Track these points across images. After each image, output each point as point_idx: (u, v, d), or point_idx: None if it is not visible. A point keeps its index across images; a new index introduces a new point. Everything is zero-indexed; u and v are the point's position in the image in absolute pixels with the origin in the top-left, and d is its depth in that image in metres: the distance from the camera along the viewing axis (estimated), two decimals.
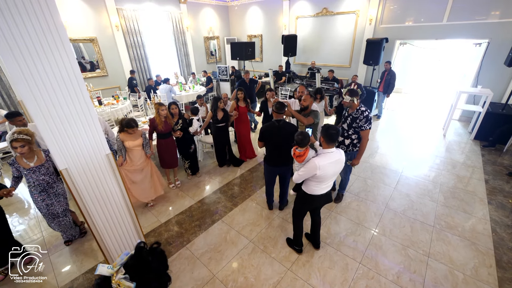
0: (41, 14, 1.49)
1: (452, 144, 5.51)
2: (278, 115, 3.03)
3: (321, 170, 2.27)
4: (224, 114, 4.31)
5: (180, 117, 3.92)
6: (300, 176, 2.40)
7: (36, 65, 1.55)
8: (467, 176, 4.26)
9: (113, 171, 2.13)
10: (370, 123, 2.99)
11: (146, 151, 3.50)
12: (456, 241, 2.97)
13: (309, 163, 2.33)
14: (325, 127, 2.29)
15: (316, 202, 2.59)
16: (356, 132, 3.14)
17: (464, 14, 5.94)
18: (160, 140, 3.86)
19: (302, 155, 2.46)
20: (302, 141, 2.44)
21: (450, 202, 3.64)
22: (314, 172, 2.28)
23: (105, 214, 2.19)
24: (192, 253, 2.95)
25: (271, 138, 3.02)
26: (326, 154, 2.31)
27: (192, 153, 4.27)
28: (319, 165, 2.26)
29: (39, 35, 1.52)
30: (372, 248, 2.92)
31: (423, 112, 7.67)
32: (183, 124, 3.92)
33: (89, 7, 7.09)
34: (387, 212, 3.47)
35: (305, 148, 2.47)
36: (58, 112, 1.72)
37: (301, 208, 2.71)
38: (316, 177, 2.33)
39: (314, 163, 2.27)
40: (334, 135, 2.25)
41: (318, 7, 8.28)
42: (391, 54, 7.35)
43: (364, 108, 3.03)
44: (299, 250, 2.88)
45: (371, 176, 4.34)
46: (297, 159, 2.51)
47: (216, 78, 9.41)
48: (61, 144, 1.78)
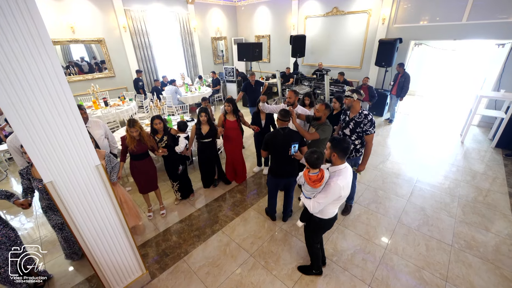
0: (18, 14, 1.36)
1: (470, 151, 5.16)
2: (282, 123, 2.82)
3: (345, 190, 1.99)
4: (211, 128, 3.64)
5: (166, 133, 3.37)
6: (321, 204, 2.05)
7: (14, 69, 1.42)
8: (489, 189, 3.94)
9: (103, 183, 1.99)
10: (374, 126, 2.87)
11: (111, 178, 2.83)
12: (477, 263, 2.70)
13: (330, 188, 1.98)
14: (337, 140, 2.03)
15: (332, 224, 2.31)
16: (359, 137, 2.97)
17: (485, 13, 5.56)
18: (133, 162, 3.23)
19: (320, 179, 1.99)
20: (316, 161, 1.98)
21: (470, 217, 3.35)
22: (339, 195, 1.98)
23: (96, 229, 2.05)
24: (189, 266, 2.79)
25: (276, 148, 2.83)
26: (342, 170, 2.03)
27: (181, 174, 3.67)
28: (342, 185, 1.94)
29: (17, 36, 1.38)
30: (382, 268, 2.68)
31: (439, 117, 7.29)
32: (168, 142, 3.36)
33: (97, 8, 7.08)
34: (400, 228, 3.22)
35: (319, 170, 2.03)
36: (41, 120, 1.58)
37: (318, 235, 2.43)
38: (338, 199, 2.05)
39: (338, 186, 1.94)
40: (348, 149, 2.02)
41: (329, 6, 8.02)
42: (405, 55, 7.02)
43: (367, 112, 2.90)
44: (321, 272, 2.64)
45: (382, 186, 4.08)
46: (313, 184, 2.00)
47: (223, 79, 9.29)
48: (44, 155, 1.65)
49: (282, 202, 3.39)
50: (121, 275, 2.36)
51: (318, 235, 2.42)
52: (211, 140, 3.73)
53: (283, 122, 2.81)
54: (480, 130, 6.20)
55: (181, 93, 7.35)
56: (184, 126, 3.56)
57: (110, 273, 2.27)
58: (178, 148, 3.40)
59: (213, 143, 3.80)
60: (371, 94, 6.29)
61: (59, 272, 2.77)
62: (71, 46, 6.95)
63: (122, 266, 2.34)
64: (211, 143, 3.77)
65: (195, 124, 3.67)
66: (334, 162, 2.07)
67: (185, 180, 3.80)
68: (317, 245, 2.50)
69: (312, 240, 2.45)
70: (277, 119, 2.86)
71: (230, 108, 3.75)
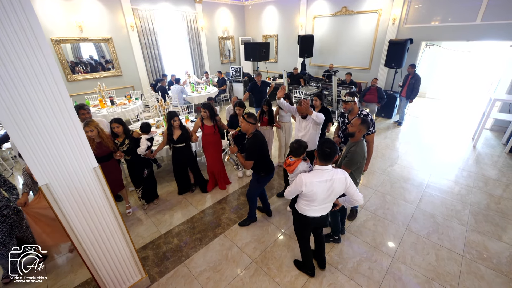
0: (11, 11, 1.31)
1: (483, 156, 4.97)
2: (254, 126, 2.80)
3: (308, 187, 2.06)
4: (182, 133, 3.55)
5: (127, 136, 3.26)
6: (289, 191, 2.24)
7: (7, 68, 1.37)
8: (502, 196, 3.77)
9: (101, 186, 1.95)
10: (374, 126, 2.84)
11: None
12: (490, 276, 2.56)
13: (296, 179, 2.15)
14: (321, 142, 2.07)
15: (310, 224, 2.32)
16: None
17: (501, 13, 5.34)
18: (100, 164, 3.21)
19: (292, 165, 2.37)
20: (296, 150, 2.35)
21: (482, 226, 3.20)
22: (300, 188, 2.10)
23: (93, 232, 2.00)
24: (190, 271, 2.73)
25: (264, 150, 2.86)
26: (317, 171, 2.09)
27: (146, 178, 3.55)
28: (305, 181, 2.06)
29: (10, 34, 1.34)
30: (390, 278, 2.57)
31: (450, 120, 7.07)
32: (130, 145, 3.27)
33: (105, 8, 7.11)
34: (408, 235, 3.09)
35: (298, 158, 2.38)
36: (35, 121, 1.53)
37: (299, 227, 2.44)
38: (304, 195, 2.15)
39: (301, 179, 2.09)
40: (328, 154, 2.00)
41: (337, 6, 7.87)
42: (415, 56, 6.82)
43: (366, 112, 2.85)
44: (312, 274, 2.59)
45: (390, 191, 3.94)
46: (287, 168, 2.43)
47: (229, 79, 9.23)
48: (39, 157, 1.61)
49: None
50: (120, 279, 2.32)
51: (300, 229, 2.45)
52: (185, 145, 3.64)
53: (253, 125, 2.79)
54: (493, 134, 5.98)
55: (187, 92, 7.32)
56: (147, 128, 3.47)
57: (108, 277, 2.23)
58: (139, 150, 3.31)
59: (187, 148, 3.70)
60: (380, 96, 6.14)
61: (57, 274, 2.74)
62: (81, 45, 7.01)
63: (121, 270, 2.29)
64: (185, 148, 3.67)
65: (167, 128, 3.58)
66: (316, 161, 2.14)
67: (150, 185, 3.69)
68: (305, 243, 2.50)
69: (298, 232, 2.50)
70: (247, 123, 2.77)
71: (206, 114, 3.60)
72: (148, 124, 3.52)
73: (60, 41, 6.49)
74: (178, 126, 3.53)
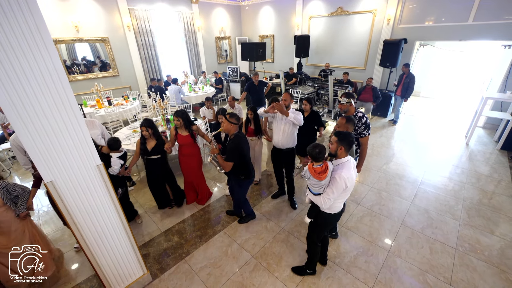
0: (19, 12, 1.35)
1: (475, 153, 5.09)
2: (236, 127, 2.77)
3: (350, 182, 2.01)
4: (158, 143, 3.18)
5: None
6: (331, 199, 2.06)
7: (14, 68, 1.41)
8: (494, 191, 3.88)
9: (104, 183, 1.99)
10: (369, 129, 2.85)
11: (17, 210, 2.33)
12: (482, 267, 2.65)
13: (336, 181, 1.99)
14: (344, 134, 2.05)
15: (339, 218, 2.35)
16: (356, 139, 2.94)
17: (492, 13, 5.47)
18: None
19: (325, 170, 1.99)
20: (319, 154, 2.01)
21: (475, 220, 3.30)
22: (345, 186, 2.01)
23: (97, 229, 2.05)
24: (191, 267, 2.78)
25: (245, 152, 2.81)
26: (345, 163, 2.04)
27: (120, 198, 3.13)
28: (347, 177, 1.98)
29: (17, 35, 1.38)
30: (386, 271, 2.65)
31: (443, 118, 7.21)
32: None
33: (101, 8, 7.10)
34: (403, 230, 3.18)
35: (323, 161, 2.05)
36: (42, 120, 1.57)
37: (323, 231, 2.40)
38: (345, 190, 2.07)
39: (343, 178, 1.97)
40: (353, 142, 2.08)
41: (333, 6, 7.96)
42: (409, 55, 6.94)
43: (361, 114, 2.89)
44: (314, 272, 2.64)
45: (385, 188, 4.03)
46: (318, 176, 2.01)
47: (226, 79, 9.28)
48: (45, 155, 1.65)
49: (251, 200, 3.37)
50: (122, 275, 2.36)
51: (323, 231, 2.41)
52: (160, 157, 3.28)
53: (235, 126, 2.76)
54: (486, 132, 6.12)
55: (185, 92, 7.35)
56: (115, 144, 3.00)
57: (111, 273, 2.27)
58: (111, 171, 2.95)
59: (163, 160, 3.34)
60: (375, 95, 6.24)
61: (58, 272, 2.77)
62: (76, 45, 6.99)
63: (123, 266, 2.34)
64: (161, 160, 3.30)
65: (139, 138, 3.20)
66: (339, 155, 2.07)
67: (125, 205, 3.29)
68: (319, 243, 2.48)
69: (317, 236, 2.42)
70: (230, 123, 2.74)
71: (180, 122, 3.20)
72: (116, 139, 3.04)
73: (56, 42, 6.47)
74: (151, 135, 3.14)
